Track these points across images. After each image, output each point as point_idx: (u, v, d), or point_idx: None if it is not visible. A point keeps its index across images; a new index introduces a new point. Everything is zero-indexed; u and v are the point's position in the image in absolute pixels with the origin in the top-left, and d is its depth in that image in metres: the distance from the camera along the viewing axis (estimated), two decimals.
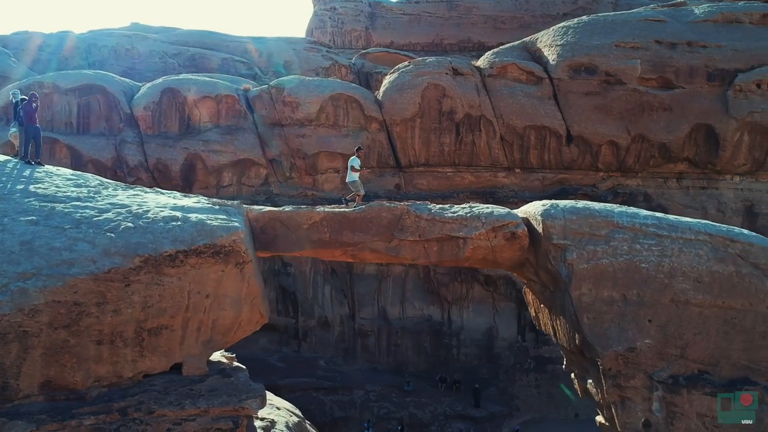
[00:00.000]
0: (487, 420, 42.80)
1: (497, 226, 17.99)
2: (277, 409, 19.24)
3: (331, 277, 46.30)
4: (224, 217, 16.72)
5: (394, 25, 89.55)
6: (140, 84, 48.54)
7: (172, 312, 15.63)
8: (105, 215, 16.00)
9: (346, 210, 18.68)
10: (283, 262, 44.63)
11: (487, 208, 18.68)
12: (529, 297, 21.39)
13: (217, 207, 17.40)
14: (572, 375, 20.76)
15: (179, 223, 16.00)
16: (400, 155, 46.56)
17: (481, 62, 49.01)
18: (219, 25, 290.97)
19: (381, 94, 47.46)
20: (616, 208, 17.94)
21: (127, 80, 48.63)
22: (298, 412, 21.20)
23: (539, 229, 18.02)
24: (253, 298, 16.84)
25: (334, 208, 19.08)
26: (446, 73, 46.59)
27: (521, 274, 20.25)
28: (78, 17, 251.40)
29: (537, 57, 48.54)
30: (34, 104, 19.86)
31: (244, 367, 18.29)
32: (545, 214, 17.90)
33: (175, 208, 16.76)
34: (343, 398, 42.82)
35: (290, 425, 17.93)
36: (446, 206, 18.96)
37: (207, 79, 47.82)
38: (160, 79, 47.83)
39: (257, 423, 17.03)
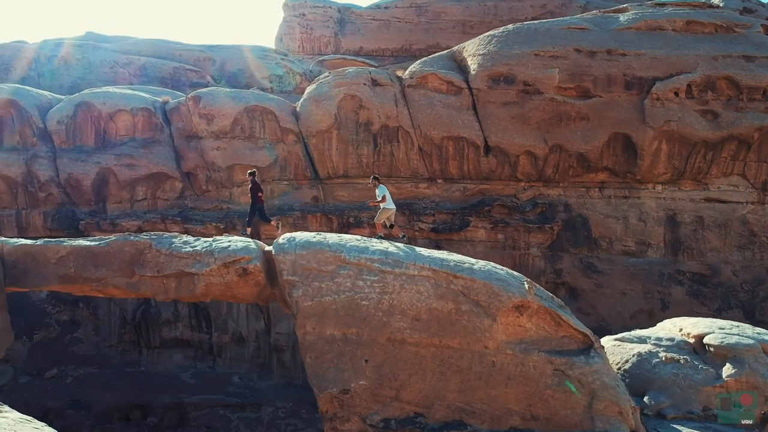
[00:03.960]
0: None
1: (228, 262, 17.41)
2: None
3: None
4: None
5: (364, 31, 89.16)
6: (63, 97, 48.32)
7: None
8: None
9: (91, 244, 18.21)
10: None
11: (226, 242, 18.09)
12: None
13: None
14: None
15: None
16: (318, 167, 46.05)
17: (406, 72, 48.37)
18: (194, 34, 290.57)
19: (299, 105, 46.94)
20: (350, 242, 17.24)
21: (47, 94, 48.42)
22: None
23: (275, 264, 17.45)
24: None
25: (85, 241, 18.59)
26: (364, 84, 45.96)
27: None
28: (33, 26, 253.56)
29: (462, 66, 47.82)
30: None
31: None
32: (278, 249, 17.33)
33: None
34: (251, 415, 42.30)
35: None
36: (191, 239, 18.38)
37: (123, 91, 47.52)
38: (77, 94, 47.63)
39: None
